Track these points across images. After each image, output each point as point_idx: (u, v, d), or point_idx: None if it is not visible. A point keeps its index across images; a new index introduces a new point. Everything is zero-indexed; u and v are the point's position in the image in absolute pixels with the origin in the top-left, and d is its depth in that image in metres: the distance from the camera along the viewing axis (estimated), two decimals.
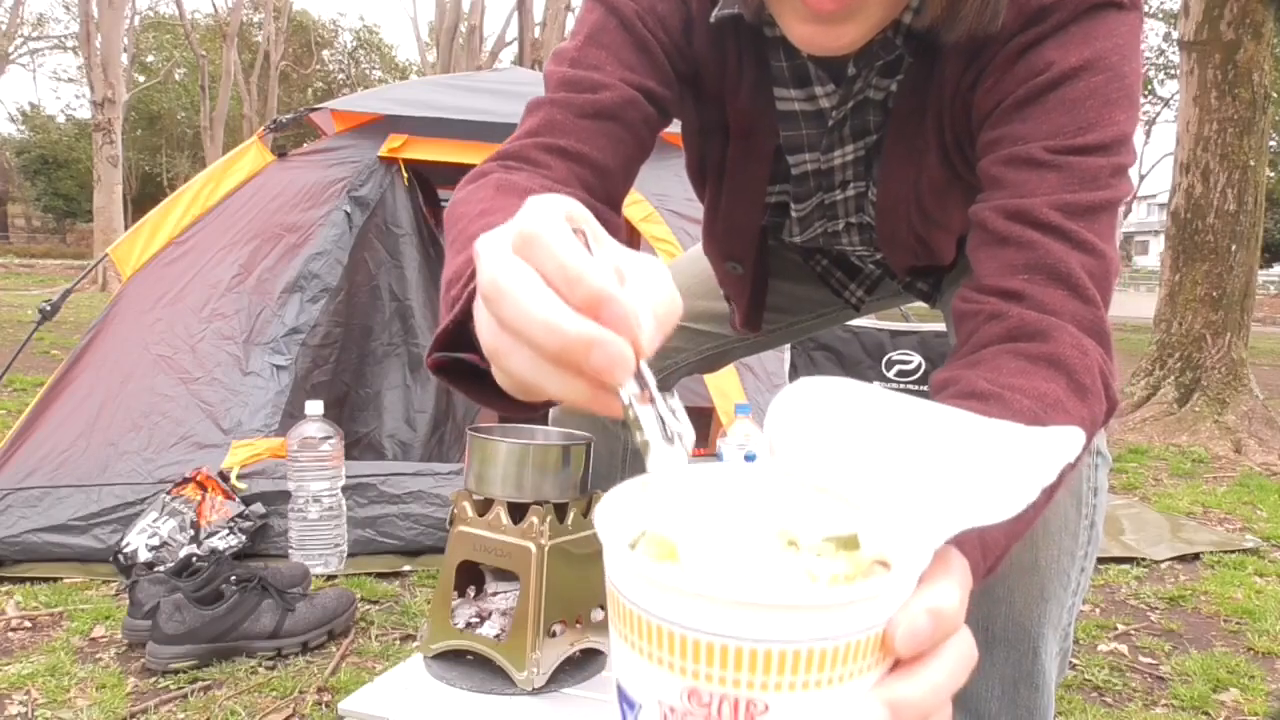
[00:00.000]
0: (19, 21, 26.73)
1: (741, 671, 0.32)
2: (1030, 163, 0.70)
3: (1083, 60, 0.69)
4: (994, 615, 0.87)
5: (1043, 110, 0.70)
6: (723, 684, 0.32)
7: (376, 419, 2.55)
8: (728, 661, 0.32)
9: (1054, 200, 0.68)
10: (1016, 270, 0.69)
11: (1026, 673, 0.89)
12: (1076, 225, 0.68)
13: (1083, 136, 0.69)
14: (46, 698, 1.39)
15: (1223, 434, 4.36)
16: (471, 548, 1.32)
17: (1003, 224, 0.70)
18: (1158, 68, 19.55)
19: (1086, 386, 0.64)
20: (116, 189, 13.19)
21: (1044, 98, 0.70)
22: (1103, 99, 0.69)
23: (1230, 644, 1.77)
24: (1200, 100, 4.72)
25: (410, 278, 2.57)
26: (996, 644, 0.88)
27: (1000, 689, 0.91)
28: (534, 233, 0.37)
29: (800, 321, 1.30)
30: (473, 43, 15.05)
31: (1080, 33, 0.70)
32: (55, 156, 33.30)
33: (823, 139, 0.89)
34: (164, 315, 2.30)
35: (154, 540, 1.91)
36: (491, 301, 0.39)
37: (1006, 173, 0.71)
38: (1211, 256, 4.70)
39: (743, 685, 0.32)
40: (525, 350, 0.39)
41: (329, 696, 1.41)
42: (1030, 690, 0.90)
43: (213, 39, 26.10)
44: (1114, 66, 0.69)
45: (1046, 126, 0.70)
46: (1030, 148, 0.70)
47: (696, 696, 0.33)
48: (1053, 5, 0.70)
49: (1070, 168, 0.69)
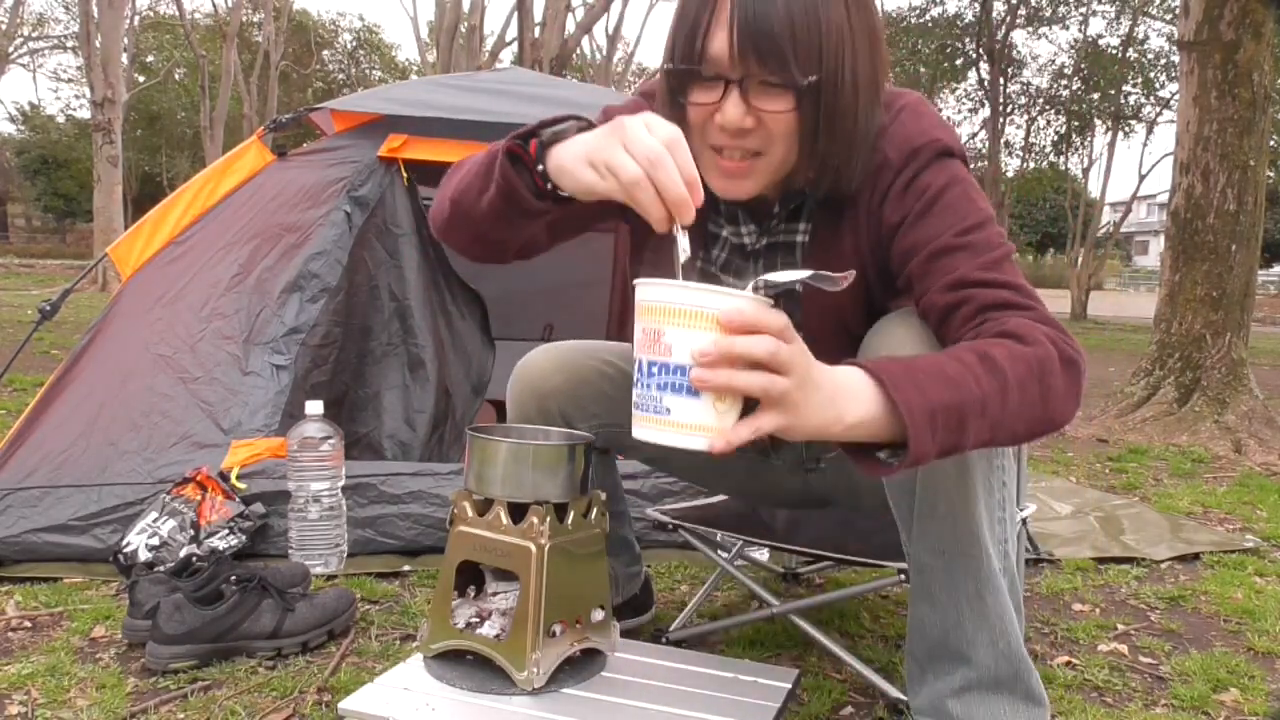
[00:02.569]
0: (19, 21, 26.73)
1: (659, 317, 0.81)
2: (946, 250, 1.02)
3: (947, 180, 1.06)
4: (945, 533, 1.08)
5: (937, 215, 1.04)
6: (655, 322, 0.82)
7: (376, 419, 2.54)
8: (659, 314, 0.81)
9: (975, 265, 1.00)
10: (972, 319, 0.99)
11: (986, 578, 1.09)
12: (996, 274, 1.00)
13: (968, 221, 1.03)
14: (46, 698, 1.39)
15: (1223, 434, 4.36)
16: (471, 548, 1.32)
17: (949, 296, 1.01)
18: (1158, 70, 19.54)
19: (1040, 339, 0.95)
20: (116, 189, 13.18)
21: (933, 207, 1.05)
22: (967, 198, 1.05)
23: (1230, 644, 1.77)
24: (1200, 100, 4.72)
25: (410, 278, 2.57)
26: (957, 558, 1.09)
27: (969, 605, 1.10)
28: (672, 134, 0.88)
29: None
30: (473, 43, 15.04)
31: (938, 166, 1.06)
32: (55, 156, 33.30)
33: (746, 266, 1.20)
34: (164, 315, 2.30)
35: (154, 540, 1.91)
36: (640, 143, 0.87)
37: (931, 264, 1.03)
38: (1211, 256, 4.70)
39: (660, 323, 0.81)
40: (622, 179, 0.88)
41: (329, 696, 1.41)
42: (994, 595, 1.10)
43: (213, 39, 26.06)
44: (964, 180, 1.07)
45: (944, 223, 1.03)
46: (941, 240, 1.03)
47: (650, 334, 0.82)
48: (919, 149, 1.06)
49: (973, 244, 1.02)
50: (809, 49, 0.96)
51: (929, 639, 1.17)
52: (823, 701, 1.43)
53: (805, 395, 0.82)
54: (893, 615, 1.89)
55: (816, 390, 0.83)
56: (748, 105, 0.98)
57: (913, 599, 1.18)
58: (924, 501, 1.08)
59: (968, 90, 22.50)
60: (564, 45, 13.84)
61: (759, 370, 0.79)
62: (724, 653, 1.62)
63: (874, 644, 1.71)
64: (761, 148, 1.01)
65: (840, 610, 1.87)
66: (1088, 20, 19.99)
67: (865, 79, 1.01)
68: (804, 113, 0.99)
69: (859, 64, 1.00)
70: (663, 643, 1.60)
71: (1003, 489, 1.10)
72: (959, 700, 1.15)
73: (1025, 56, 22.29)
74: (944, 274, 1.01)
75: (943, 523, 1.07)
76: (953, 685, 1.15)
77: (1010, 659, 1.13)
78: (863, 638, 1.75)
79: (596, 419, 1.38)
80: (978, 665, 1.13)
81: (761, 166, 1.03)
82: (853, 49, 0.99)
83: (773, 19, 0.94)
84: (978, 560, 1.08)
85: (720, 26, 0.96)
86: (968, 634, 1.12)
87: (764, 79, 0.97)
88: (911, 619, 1.20)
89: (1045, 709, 1.17)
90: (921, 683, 1.20)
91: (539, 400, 1.39)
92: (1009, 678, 1.13)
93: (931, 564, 1.12)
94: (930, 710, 1.17)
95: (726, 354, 0.78)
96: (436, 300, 2.66)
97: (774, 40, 0.94)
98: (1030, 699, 1.15)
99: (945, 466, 1.01)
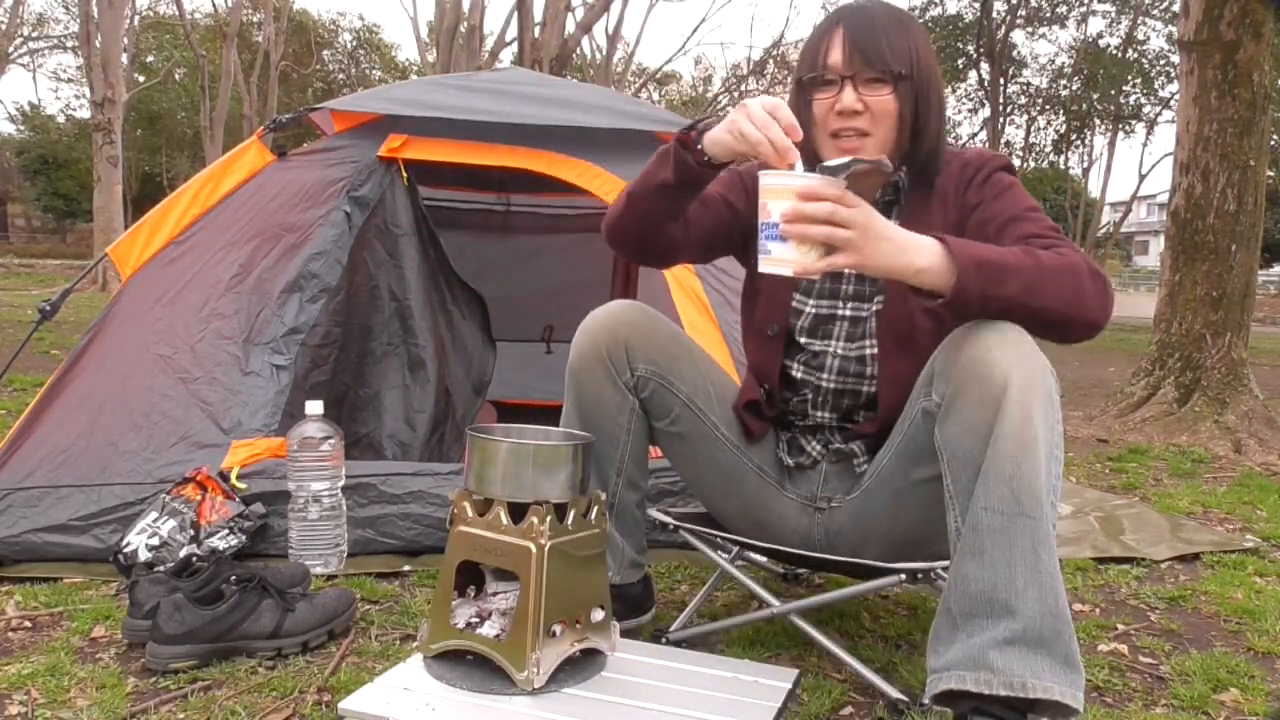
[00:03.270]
0: (19, 21, 26.72)
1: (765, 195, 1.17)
2: (1015, 219, 1.37)
3: (1012, 181, 1.45)
4: (1008, 494, 1.16)
5: (1008, 199, 1.41)
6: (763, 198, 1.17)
7: (376, 419, 2.54)
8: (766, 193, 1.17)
9: (1036, 228, 1.34)
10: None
11: (1044, 537, 1.16)
12: (1052, 236, 1.34)
13: (1029, 204, 1.40)
14: (46, 698, 1.39)
15: (1223, 434, 4.36)
16: (471, 548, 1.32)
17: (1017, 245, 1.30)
18: (1158, 70, 19.53)
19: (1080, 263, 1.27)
20: (116, 189, 13.18)
21: (1004, 194, 1.42)
22: (1026, 194, 1.43)
23: (1230, 644, 1.77)
24: (1200, 100, 4.72)
25: (409, 278, 2.57)
26: (1018, 517, 1.16)
27: (1023, 562, 1.15)
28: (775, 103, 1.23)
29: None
30: (473, 43, 15.02)
31: (1005, 172, 1.47)
32: (55, 156, 33.27)
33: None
34: (164, 315, 2.30)
35: (154, 540, 1.91)
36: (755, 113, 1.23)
37: (1004, 229, 1.37)
38: (1211, 256, 4.70)
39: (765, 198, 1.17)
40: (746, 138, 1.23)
41: (329, 696, 1.41)
42: (1048, 554, 1.16)
43: (213, 39, 26.05)
44: (1021, 185, 1.45)
45: (1012, 204, 1.40)
46: (1009, 212, 1.39)
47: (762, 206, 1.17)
48: (992, 159, 1.48)
49: (1033, 218, 1.37)
50: (900, 54, 1.37)
51: (971, 594, 1.18)
52: (823, 701, 1.43)
53: (870, 243, 1.15)
54: (893, 615, 1.89)
55: (886, 241, 1.17)
56: (857, 93, 1.37)
57: (958, 557, 1.20)
58: (993, 465, 1.17)
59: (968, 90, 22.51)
60: (564, 45, 13.85)
61: (825, 225, 1.13)
62: (724, 653, 1.62)
63: (874, 644, 1.71)
64: (869, 128, 1.38)
65: (840, 610, 1.87)
66: (1087, 20, 19.99)
67: (938, 87, 1.42)
68: (901, 99, 1.38)
69: (935, 75, 1.42)
70: (663, 643, 1.60)
71: (1057, 475, 1.21)
72: (1000, 652, 1.15)
73: (1025, 57, 22.24)
74: (1014, 234, 1.34)
75: (1009, 484, 1.16)
76: (996, 637, 1.15)
77: (1056, 618, 1.15)
78: (863, 638, 1.75)
79: (654, 366, 1.52)
80: (1024, 617, 1.14)
81: (869, 145, 1.39)
82: (931, 63, 1.42)
83: (872, 34, 1.37)
84: (1038, 520, 1.16)
85: (835, 44, 1.39)
86: (1018, 587, 1.15)
87: (868, 75, 1.37)
88: (952, 576, 1.21)
89: (1082, 676, 1.17)
90: (952, 641, 1.19)
91: (611, 327, 1.52)
92: (1052, 636, 1.15)
93: (990, 522, 1.17)
94: (966, 663, 1.17)
95: (798, 213, 1.13)
96: (437, 300, 2.67)
97: (874, 47, 1.37)
98: (1069, 664, 1.16)
99: (1015, 434, 1.16)
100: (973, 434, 1.19)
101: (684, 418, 1.55)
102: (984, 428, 1.18)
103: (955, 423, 1.22)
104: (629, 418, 1.54)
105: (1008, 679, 1.14)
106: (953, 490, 1.23)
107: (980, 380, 1.19)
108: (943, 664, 1.20)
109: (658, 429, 1.58)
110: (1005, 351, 1.20)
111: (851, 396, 1.52)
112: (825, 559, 1.54)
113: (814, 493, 1.57)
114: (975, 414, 1.19)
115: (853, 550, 1.52)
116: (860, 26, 1.38)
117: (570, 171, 2.56)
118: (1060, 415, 1.22)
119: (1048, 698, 1.13)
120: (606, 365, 1.51)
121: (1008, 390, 1.17)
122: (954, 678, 1.17)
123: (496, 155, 2.57)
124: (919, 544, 1.44)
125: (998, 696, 1.14)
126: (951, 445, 1.23)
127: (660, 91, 32.54)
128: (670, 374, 1.53)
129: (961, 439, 1.21)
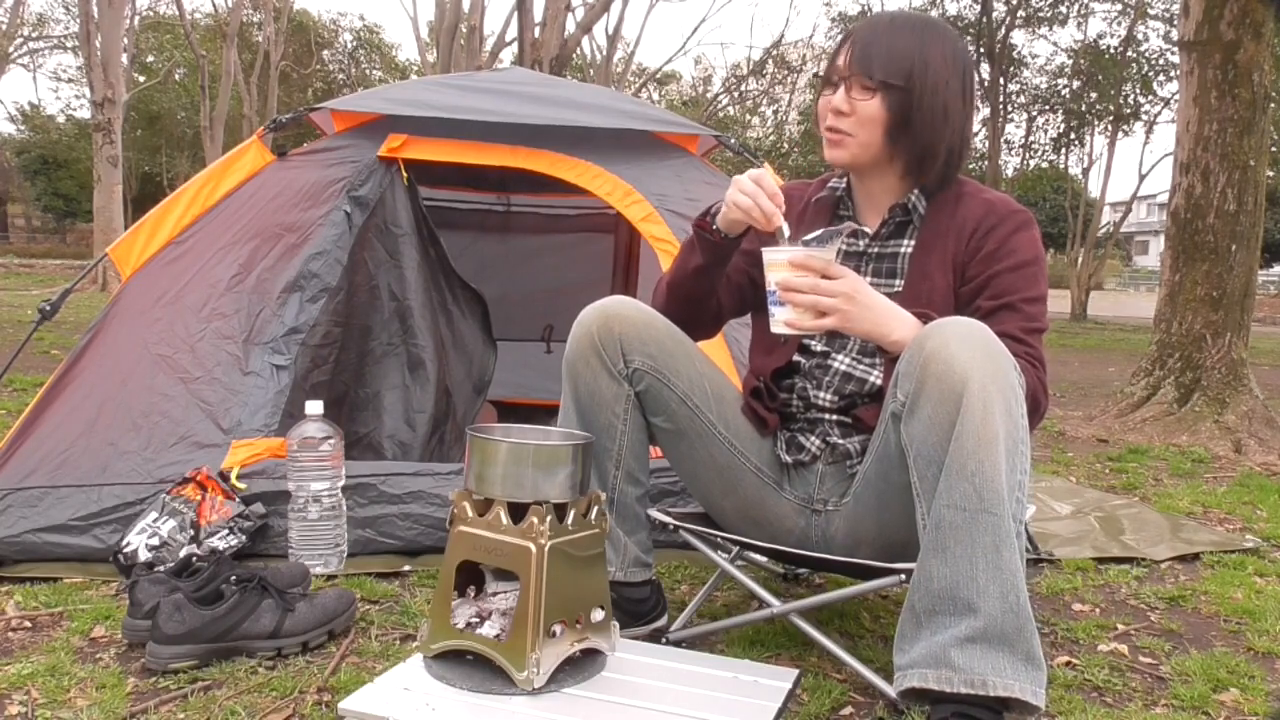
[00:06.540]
0: (19, 21, 26.70)
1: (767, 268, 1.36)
2: (1009, 306, 1.43)
3: (1035, 254, 1.47)
4: (970, 491, 1.19)
5: (1019, 277, 1.45)
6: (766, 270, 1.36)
7: (376, 419, 2.54)
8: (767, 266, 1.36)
9: (1018, 327, 1.41)
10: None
11: (1006, 534, 1.19)
12: (1028, 341, 1.41)
13: (1032, 293, 1.45)
14: (46, 698, 1.39)
15: (1223, 434, 4.36)
16: (471, 548, 1.32)
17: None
18: (1157, 69, 19.51)
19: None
20: (116, 189, 13.16)
21: (1019, 270, 1.45)
22: (1040, 275, 1.47)
23: (1230, 644, 1.77)
24: (1200, 100, 4.72)
25: (409, 278, 2.57)
26: (979, 514, 1.18)
27: (985, 559, 1.18)
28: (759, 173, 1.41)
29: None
30: (473, 43, 15.02)
31: (1032, 235, 1.49)
32: (55, 156, 33.26)
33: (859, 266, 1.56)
34: (164, 315, 2.30)
35: (154, 540, 1.91)
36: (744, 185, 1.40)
37: (994, 309, 1.43)
38: (1211, 256, 4.69)
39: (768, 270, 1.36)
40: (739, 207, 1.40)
41: (329, 696, 1.41)
42: (1010, 551, 1.19)
43: (213, 39, 26.04)
44: (1040, 261, 1.48)
45: (1018, 285, 1.44)
46: (1009, 298, 1.44)
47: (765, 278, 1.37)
48: (1018, 211, 1.50)
49: (1026, 313, 1.43)
50: (897, 64, 1.43)
51: (934, 592, 1.20)
52: (823, 701, 1.43)
53: (855, 309, 1.31)
54: (892, 615, 1.88)
55: (868, 310, 1.32)
56: (847, 95, 1.46)
57: (923, 555, 1.22)
58: (954, 462, 1.20)
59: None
60: (564, 45, 13.84)
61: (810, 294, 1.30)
62: (724, 653, 1.62)
63: (874, 644, 1.71)
64: (853, 131, 1.47)
65: (840, 610, 1.87)
66: (1086, 20, 19.98)
67: (950, 101, 1.45)
68: (890, 109, 1.44)
69: (949, 100, 1.45)
70: (663, 643, 1.60)
71: (1023, 471, 1.23)
72: (962, 650, 1.16)
73: (1025, 56, 22.20)
74: (997, 320, 1.39)
75: (970, 481, 1.18)
76: (958, 634, 1.17)
77: (1017, 614, 1.17)
78: (863, 638, 1.75)
79: (650, 360, 1.53)
80: (985, 615, 1.16)
81: (851, 144, 1.48)
82: (946, 87, 1.45)
83: (875, 46, 1.45)
84: (999, 518, 1.18)
85: (844, 51, 1.48)
86: (979, 584, 1.17)
87: (860, 81, 1.45)
88: (917, 574, 1.23)
89: (1044, 673, 1.19)
90: (916, 639, 1.22)
91: (605, 319, 1.53)
92: (1013, 632, 1.16)
93: (952, 519, 1.18)
94: (929, 660, 1.19)
95: (787, 284, 1.31)
96: (437, 300, 2.66)
97: (869, 54, 1.44)
98: (1030, 661, 1.17)
99: (976, 431, 1.19)
100: (935, 431, 1.22)
101: (681, 415, 1.55)
102: (946, 425, 1.20)
103: (918, 421, 1.24)
104: (625, 407, 1.53)
105: (969, 677, 1.16)
106: (919, 488, 1.25)
107: (941, 378, 1.21)
108: (907, 661, 1.22)
109: (654, 425, 1.58)
110: (966, 349, 1.21)
111: (858, 383, 1.53)
112: (824, 559, 1.54)
113: (811, 494, 1.57)
114: (937, 411, 1.21)
115: (848, 553, 1.53)
116: (867, 33, 1.47)
117: (570, 171, 2.56)
118: (1025, 410, 1.25)
119: (1008, 695, 1.15)
120: (601, 355, 1.51)
121: (968, 386, 1.19)
122: (917, 675, 1.20)
123: (496, 155, 2.57)
124: (907, 546, 1.44)
125: (959, 694, 1.16)
126: (916, 443, 1.25)
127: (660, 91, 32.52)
128: (666, 370, 1.53)
129: (925, 436, 1.23)
